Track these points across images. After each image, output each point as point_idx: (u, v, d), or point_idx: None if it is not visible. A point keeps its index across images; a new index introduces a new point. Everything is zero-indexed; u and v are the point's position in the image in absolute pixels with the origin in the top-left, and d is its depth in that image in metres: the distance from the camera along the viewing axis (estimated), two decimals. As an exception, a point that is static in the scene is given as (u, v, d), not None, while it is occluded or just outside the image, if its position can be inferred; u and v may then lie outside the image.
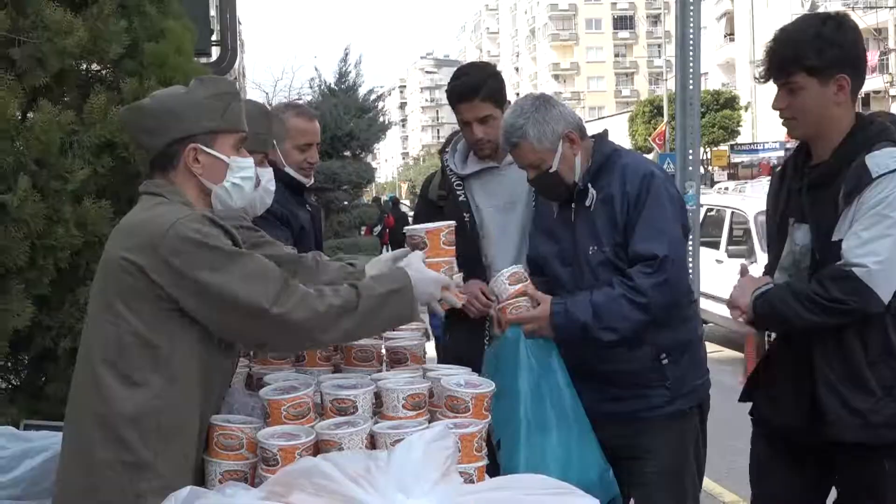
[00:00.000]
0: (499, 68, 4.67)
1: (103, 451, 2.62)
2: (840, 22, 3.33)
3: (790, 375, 3.43)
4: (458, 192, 4.40)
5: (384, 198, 38.58)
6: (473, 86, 4.23)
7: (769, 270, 3.57)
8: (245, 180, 2.91)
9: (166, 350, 2.65)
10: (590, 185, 3.67)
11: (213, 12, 9.93)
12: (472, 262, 4.16)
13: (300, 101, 12.76)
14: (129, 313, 2.64)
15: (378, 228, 25.09)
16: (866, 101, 51.69)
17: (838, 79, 3.27)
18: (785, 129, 3.42)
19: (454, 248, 3.24)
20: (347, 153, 22.56)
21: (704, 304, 9.72)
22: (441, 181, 4.53)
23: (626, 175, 3.65)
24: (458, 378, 2.97)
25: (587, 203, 3.67)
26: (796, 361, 3.39)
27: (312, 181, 4.63)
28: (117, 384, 2.63)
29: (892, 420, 3.20)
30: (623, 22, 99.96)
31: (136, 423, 2.61)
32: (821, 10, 53.66)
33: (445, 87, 4.45)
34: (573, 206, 3.73)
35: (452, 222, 3.29)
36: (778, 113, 3.40)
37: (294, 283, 2.73)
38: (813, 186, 3.36)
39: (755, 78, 3.49)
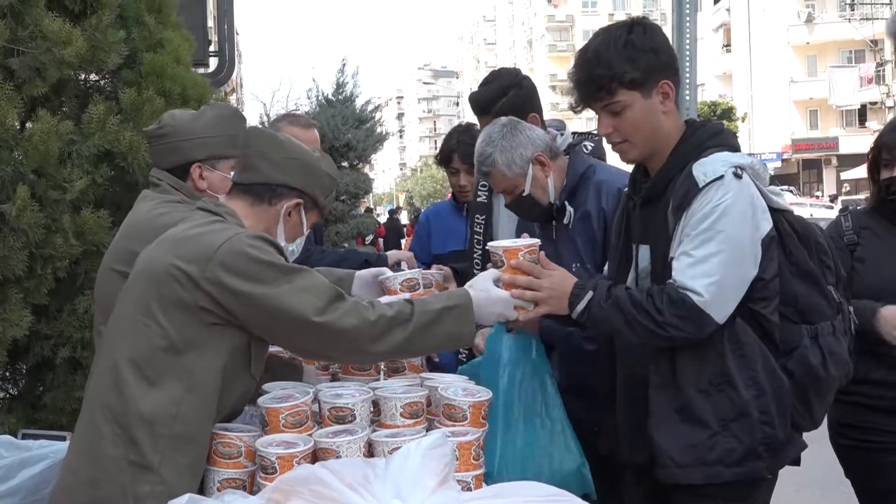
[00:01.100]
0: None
1: (112, 447, 2.63)
2: (645, 26, 3.06)
3: (625, 405, 3.19)
4: (479, 194, 4.42)
5: (378, 210, 38.66)
6: (485, 102, 4.21)
7: None
8: (296, 252, 3.07)
9: (191, 360, 2.67)
10: (567, 203, 3.69)
11: (210, 23, 9.97)
12: (469, 264, 4.21)
13: (297, 111, 12.77)
14: (163, 318, 2.67)
15: (370, 238, 25.11)
16: (863, 112, 51.85)
17: (662, 86, 3.01)
18: (783, 141, 3.26)
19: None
20: (345, 164, 22.57)
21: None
22: (478, 181, 4.56)
23: (601, 192, 3.65)
24: (455, 387, 2.98)
25: (565, 221, 3.69)
26: (631, 389, 3.13)
27: None
28: (138, 384, 2.65)
29: (727, 456, 2.90)
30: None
31: (150, 425, 2.63)
32: (817, 20, 53.99)
33: (442, 96, 4.44)
34: (553, 223, 3.75)
35: (534, 241, 3.24)
36: (606, 138, 3.14)
37: (347, 297, 2.78)
38: (644, 203, 3.11)
39: (572, 108, 3.26)
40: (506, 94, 4.17)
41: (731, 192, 2.86)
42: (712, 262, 2.82)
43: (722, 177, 2.86)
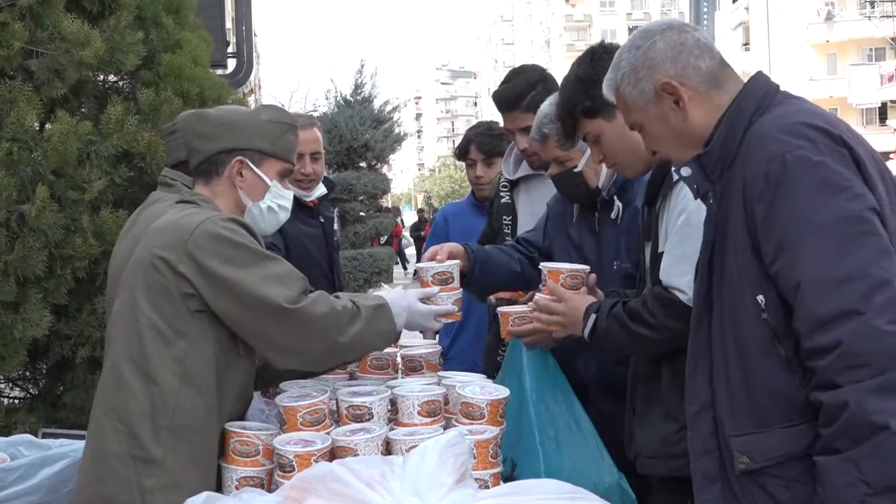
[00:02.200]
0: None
1: (115, 444, 2.67)
2: (593, 54, 3.16)
3: (629, 403, 3.25)
4: (502, 195, 4.39)
5: (402, 207, 38.73)
6: (513, 97, 4.18)
7: None
8: (281, 209, 3.02)
9: (182, 350, 2.69)
10: (615, 197, 3.57)
11: (229, 24, 9.99)
12: None
13: (309, 112, 12.72)
14: (150, 308, 2.69)
15: (384, 238, 25.13)
16: (883, 110, 51.55)
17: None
18: None
19: (575, 292, 3.25)
20: (363, 164, 22.61)
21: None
22: (498, 181, 4.53)
23: None
24: (473, 385, 2.98)
25: (613, 216, 3.57)
26: (632, 386, 3.22)
27: (314, 194, 4.47)
28: (135, 379, 2.68)
29: None
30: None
31: (150, 418, 2.66)
32: (836, 18, 53.67)
33: (460, 97, 4.41)
34: (597, 214, 3.63)
35: (581, 267, 3.30)
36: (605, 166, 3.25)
37: (312, 290, 2.80)
38: (647, 203, 3.18)
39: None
40: (534, 88, 4.15)
41: None
42: (690, 260, 2.79)
43: None
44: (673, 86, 2.49)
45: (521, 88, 4.18)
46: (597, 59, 3.13)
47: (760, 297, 2.31)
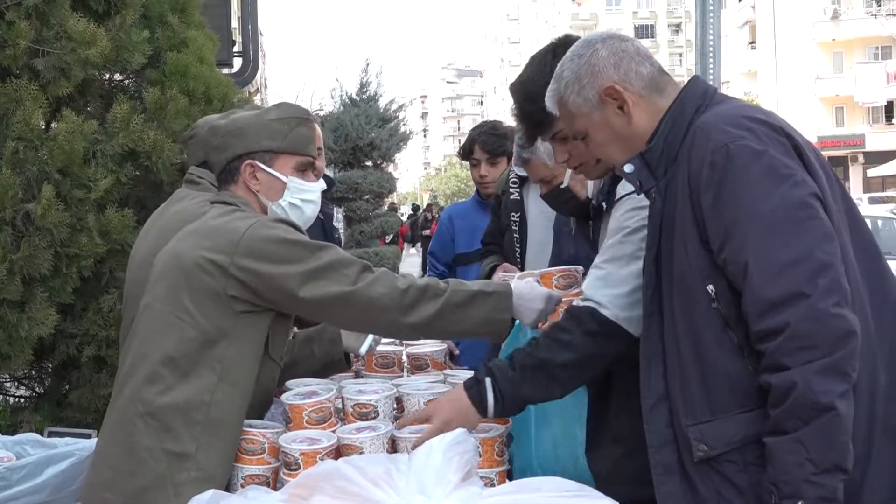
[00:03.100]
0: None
1: (147, 439, 2.67)
2: (568, 45, 2.79)
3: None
4: (511, 191, 4.38)
5: (402, 209, 38.75)
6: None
7: None
8: (305, 203, 3.03)
9: (222, 349, 2.72)
10: (604, 204, 3.47)
11: (234, 23, 9.99)
12: (511, 263, 4.15)
13: (315, 111, 12.71)
14: (195, 310, 2.71)
15: (389, 237, 25.08)
16: (889, 108, 51.47)
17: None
18: (808, 138, 2.95)
19: (575, 291, 3.13)
20: (369, 163, 22.58)
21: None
22: (507, 177, 4.52)
23: None
24: (478, 383, 2.97)
25: (604, 222, 3.52)
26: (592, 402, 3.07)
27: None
28: (171, 375, 2.70)
29: (646, 474, 2.57)
30: (644, 31, 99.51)
31: (185, 414, 2.67)
32: (842, 17, 53.56)
33: (466, 95, 4.39)
34: (591, 223, 3.53)
35: (570, 266, 3.24)
36: (572, 171, 3.09)
37: (375, 268, 2.80)
38: (591, 217, 3.12)
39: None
40: None
41: None
42: (619, 274, 2.81)
43: (631, 193, 2.86)
44: (617, 90, 2.53)
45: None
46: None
47: (710, 287, 2.35)
